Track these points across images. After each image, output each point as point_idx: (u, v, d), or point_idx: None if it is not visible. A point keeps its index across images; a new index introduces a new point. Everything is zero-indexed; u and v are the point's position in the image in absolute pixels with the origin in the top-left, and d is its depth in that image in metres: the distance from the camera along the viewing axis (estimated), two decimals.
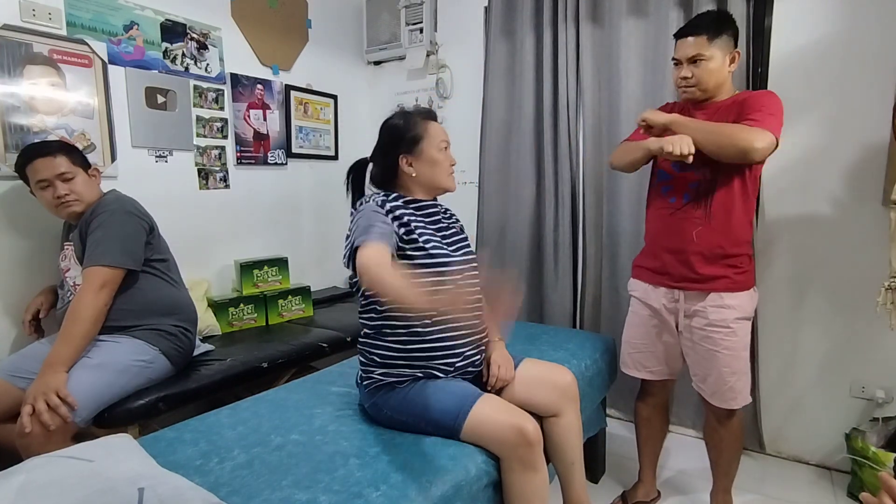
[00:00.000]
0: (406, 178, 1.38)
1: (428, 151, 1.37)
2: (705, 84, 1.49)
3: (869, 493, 0.78)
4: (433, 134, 1.38)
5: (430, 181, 1.39)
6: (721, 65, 1.48)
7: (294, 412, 1.40)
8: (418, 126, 1.37)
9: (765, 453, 2.19)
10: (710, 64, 1.47)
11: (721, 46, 1.47)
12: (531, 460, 1.21)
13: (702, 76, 1.48)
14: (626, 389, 2.29)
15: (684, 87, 1.53)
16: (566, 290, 2.49)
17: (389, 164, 1.39)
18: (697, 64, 1.48)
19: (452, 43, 2.83)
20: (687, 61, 1.49)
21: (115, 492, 0.86)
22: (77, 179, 1.68)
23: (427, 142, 1.37)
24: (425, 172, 1.38)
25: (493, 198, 2.66)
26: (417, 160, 1.37)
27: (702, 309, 1.54)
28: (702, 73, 1.48)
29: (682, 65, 1.51)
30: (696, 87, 1.50)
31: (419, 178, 1.38)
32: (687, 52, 1.48)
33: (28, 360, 1.63)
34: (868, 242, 1.89)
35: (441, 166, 1.39)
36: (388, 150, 1.39)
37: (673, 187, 1.57)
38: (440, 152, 1.38)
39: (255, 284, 2.43)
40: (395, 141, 1.38)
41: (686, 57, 1.49)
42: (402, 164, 1.37)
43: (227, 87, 2.43)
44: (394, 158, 1.37)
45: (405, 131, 1.37)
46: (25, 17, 1.79)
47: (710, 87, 1.50)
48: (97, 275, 1.58)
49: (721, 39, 1.47)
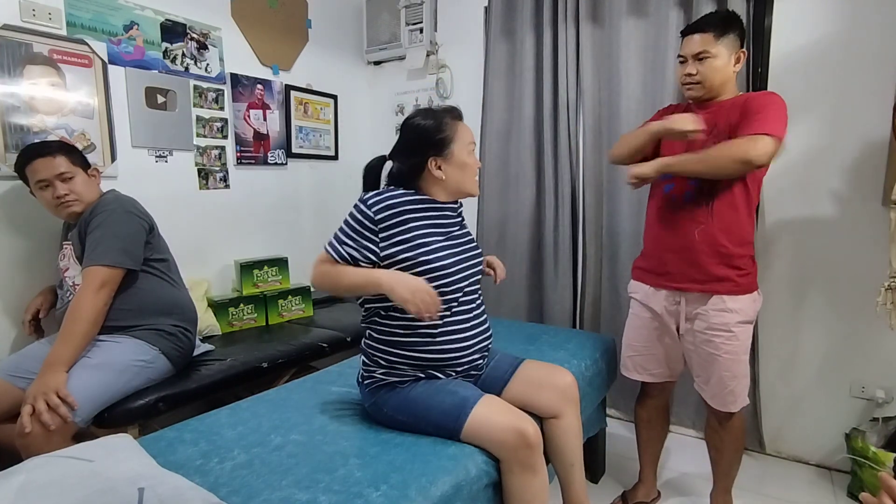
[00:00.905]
0: (432, 180, 1.34)
1: (458, 154, 1.33)
2: (710, 82, 1.49)
3: (869, 493, 0.78)
4: (462, 136, 1.34)
5: (458, 185, 1.36)
6: (726, 63, 1.48)
7: (294, 412, 1.40)
8: (448, 127, 1.33)
9: (765, 453, 2.19)
10: (715, 62, 1.47)
11: (727, 45, 1.47)
12: (531, 462, 1.21)
13: (707, 73, 1.48)
14: (626, 389, 2.29)
15: (689, 84, 1.52)
16: (566, 290, 2.49)
17: (416, 164, 1.34)
18: (703, 61, 1.48)
19: (452, 43, 2.83)
20: (693, 58, 1.49)
21: (115, 492, 0.86)
22: (77, 179, 1.68)
23: (457, 144, 1.32)
24: (454, 176, 1.34)
25: (493, 198, 2.66)
26: (447, 163, 1.33)
27: (703, 312, 1.54)
28: (707, 70, 1.48)
29: (687, 61, 1.51)
30: (700, 85, 1.50)
31: (447, 181, 1.34)
32: (693, 48, 1.49)
33: (28, 360, 1.63)
34: (868, 242, 1.89)
35: (470, 170, 1.36)
36: (415, 151, 1.34)
37: (674, 186, 1.56)
38: (469, 155, 1.35)
39: (255, 284, 2.43)
40: (424, 141, 1.33)
41: (692, 53, 1.49)
42: (430, 167, 1.32)
43: (227, 87, 2.43)
44: (422, 159, 1.32)
45: (435, 132, 1.32)
46: (25, 17, 1.79)
47: (714, 84, 1.50)
48: (97, 274, 1.58)
49: (728, 38, 1.47)
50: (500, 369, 1.45)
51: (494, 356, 1.49)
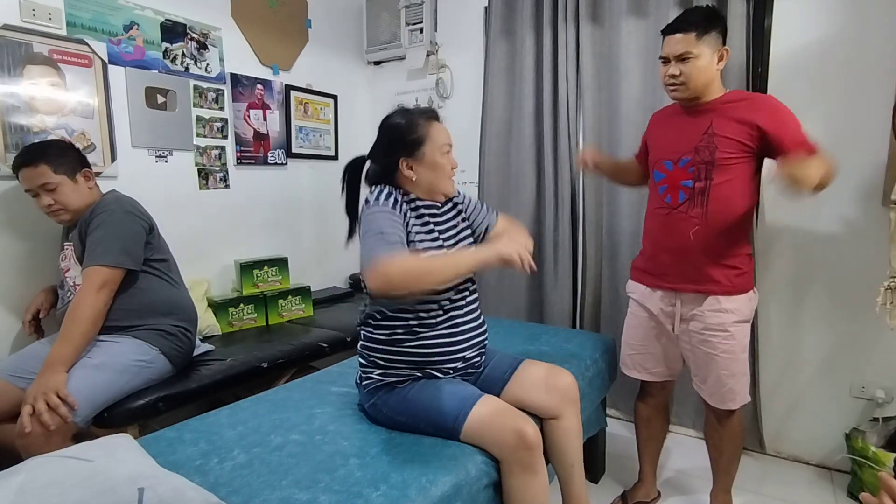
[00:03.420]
0: (404, 179, 1.34)
1: (430, 155, 1.32)
2: (694, 82, 1.47)
3: (869, 493, 0.78)
4: (435, 137, 1.33)
5: (430, 186, 1.35)
6: (709, 62, 1.46)
7: (294, 412, 1.40)
8: (420, 128, 1.32)
9: (765, 453, 2.19)
10: (698, 62, 1.45)
11: (710, 44, 1.45)
12: (531, 463, 1.20)
13: (690, 74, 1.46)
14: (626, 389, 2.29)
15: (673, 86, 1.51)
16: (566, 290, 2.49)
17: (388, 165, 1.34)
18: (686, 62, 1.46)
19: (452, 43, 2.83)
20: (675, 59, 1.47)
21: (115, 492, 0.86)
22: (60, 189, 1.64)
23: (429, 145, 1.32)
24: (426, 177, 1.33)
25: (492, 198, 2.65)
26: (418, 164, 1.32)
27: (699, 313, 1.54)
28: (690, 70, 1.46)
29: (669, 62, 1.49)
30: (685, 86, 1.48)
31: (419, 182, 1.34)
32: (675, 49, 1.46)
33: (28, 360, 1.63)
34: (868, 242, 1.89)
35: (442, 171, 1.34)
36: (387, 151, 1.34)
37: (668, 186, 1.56)
38: (442, 156, 1.34)
39: (255, 284, 2.43)
40: (396, 142, 1.33)
41: (674, 54, 1.47)
42: (401, 167, 1.32)
43: (227, 87, 2.43)
44: (393, 160, 1.32)
45: (406, 133, 1.32)
46: (25, 17, 1.79)
47: (698, 85, 1.48)
48: (97, 275, 1.58)
49: (710, 36, 1.45)
50: (499, 369, 1.45)
51: (494, 356, 1.49)
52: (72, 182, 1.68)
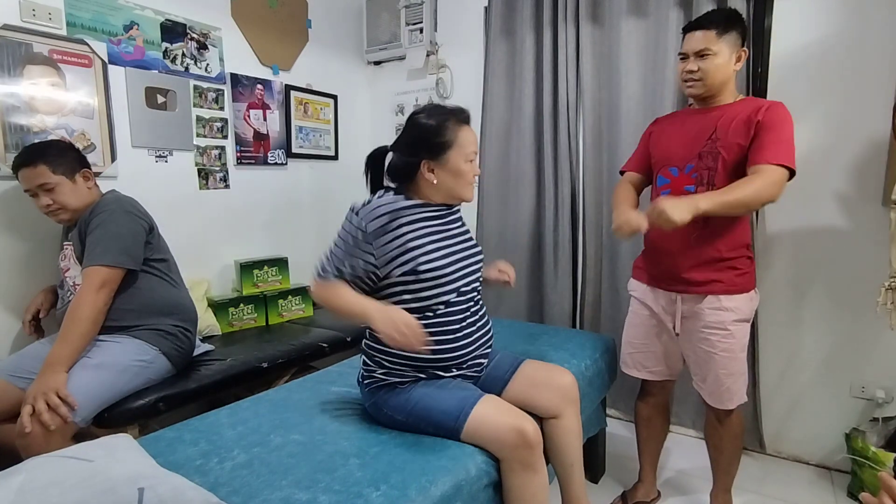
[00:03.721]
0: (424, 183, 1.31)
1: (454, 162, 1.28)
2: (711, 79, 1.49)
3: (869, 493, 0.78)
4: (463, 143, 1.29)
5: (449, 191, 1.32)
6: (727, 61, 1.48)
7: (294, 412, 1.40)
8: (449, 132, 1.28)
9: (765, 453, 2.19)
10: (716, 59, 1.47)
11: (729, 43, 1.47)
12: (531, 462, 1.21)
13: (708, 70, 1.48)
14: (626, 389, 2.29)
15: (690, 81, 1.52)
16: (566, 290, 2.49)
17: (410, 164, 1.30)
18: (704, 58, 1.48)
19: (452, 43, 2.83)
20: (694, 55, 1.49)
21: (115, 492, 0.86)
22: (59, 189, 1.64)
23: (455, 151, 1.28)
24: (446, 182, 1.30)
25: (492, 198, 2.65)
26: (441, 168, 1.29)
27: (699, 311, 1.54)
28: (708, 67, 1.48)
29: (688, 58, 1.51)
30: (701, 82, 1.50)
31: (439, 186, 1.30)
32: (695, 45, 1.49)
33: (28, 360, 1.63)
34: (868, 242, 1.89)
35: (464, 178, 1.31)
36: (411, 150, 1.30)
37: (671, 191, 1.57)
38: (467, 163, 1.30)
39: (255, 284, 2.43)
40: (421, 142, 1.29)
41: (694, 50, 1.49)
42: (423, 169, 1.29)
43: (227, 87, 2.43)
44: (416, 160, 1.29)
45: (434, 135, 1.28)
46: (25, 17, 1.79)
47: (715, 82, 1.50)
48: (96, 274, 1.58)
49: (730, 36, 1.47)
50: (500, 369, 1.45)
51: (495, 356, 1.49)
52: (70, 182, 1.68)
